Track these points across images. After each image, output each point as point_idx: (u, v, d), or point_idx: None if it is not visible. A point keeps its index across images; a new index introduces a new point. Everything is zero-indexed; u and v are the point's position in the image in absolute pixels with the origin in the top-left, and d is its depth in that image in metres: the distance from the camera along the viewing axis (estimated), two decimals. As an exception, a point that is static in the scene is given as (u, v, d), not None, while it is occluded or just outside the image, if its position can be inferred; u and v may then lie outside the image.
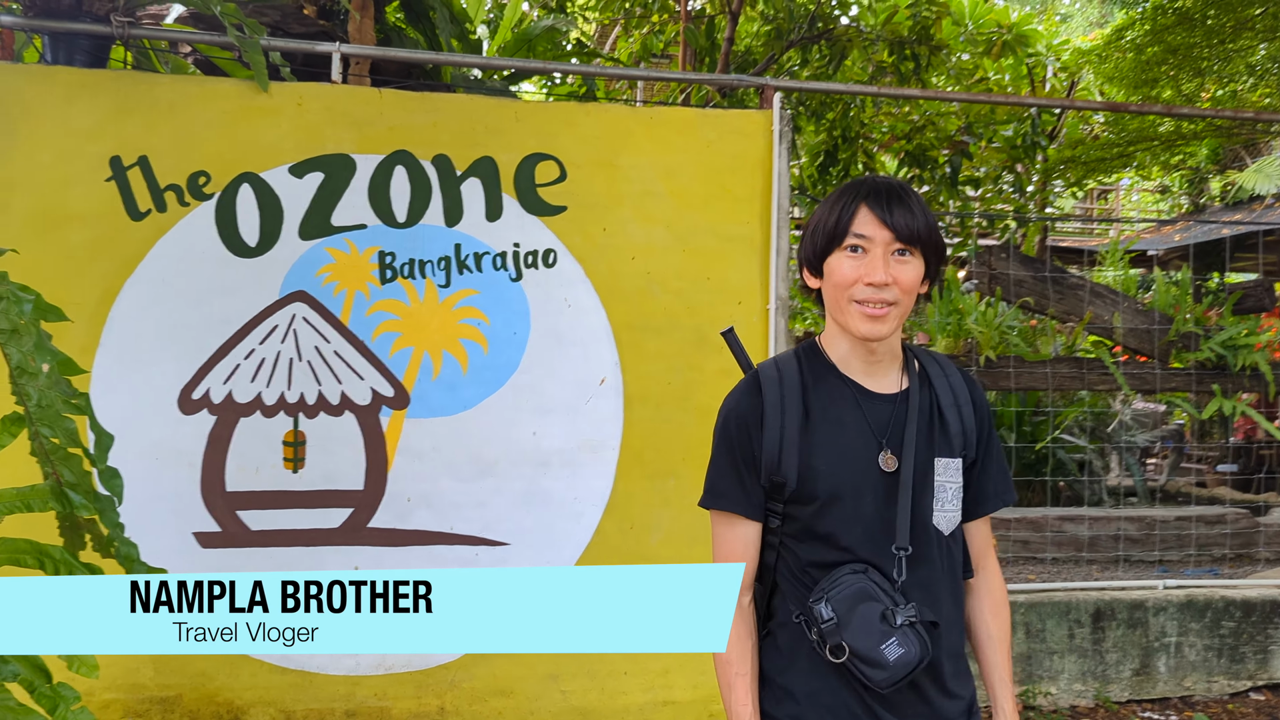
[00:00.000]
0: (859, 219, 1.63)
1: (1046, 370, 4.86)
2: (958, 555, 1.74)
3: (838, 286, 1.65)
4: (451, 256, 3.45)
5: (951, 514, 1.69)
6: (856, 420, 1.69)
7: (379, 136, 3.42)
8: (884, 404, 1.71)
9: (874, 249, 1.62)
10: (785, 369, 1.74)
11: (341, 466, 3.37)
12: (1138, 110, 5.46)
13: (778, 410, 1.69)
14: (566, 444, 3.52)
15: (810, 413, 1.69)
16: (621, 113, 3.69)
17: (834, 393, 1.71)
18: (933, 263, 1.67)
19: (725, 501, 1.74)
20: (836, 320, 1.70)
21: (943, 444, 1.70)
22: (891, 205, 1.62)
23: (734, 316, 3.64)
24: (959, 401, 1.74)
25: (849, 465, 1.66)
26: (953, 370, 1.80)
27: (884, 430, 1.69)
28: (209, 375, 3.28)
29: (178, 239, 3.28)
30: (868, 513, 1.65)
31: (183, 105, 3.28)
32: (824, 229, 1.67)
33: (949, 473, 1.69)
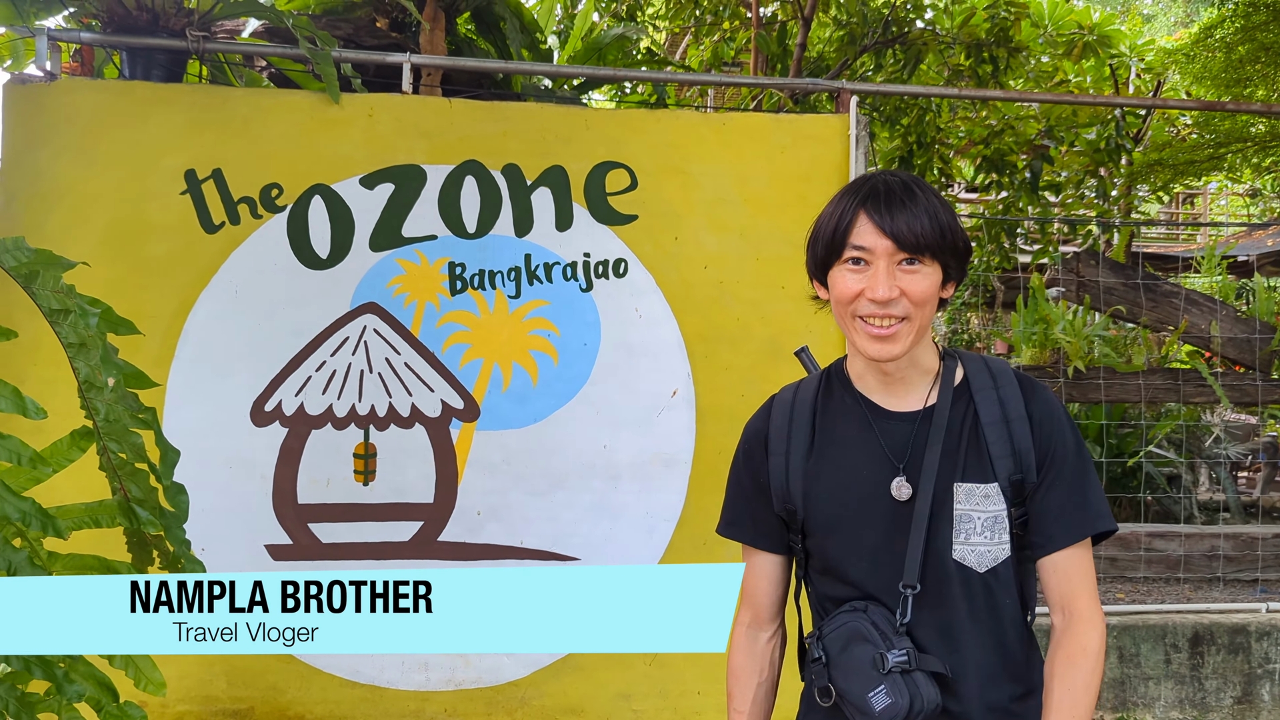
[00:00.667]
0: (857, 228, 1.46)
1: (1139, 381, 4.65)
2: (1003, 596, 1.49)
3: (839, 302, 1.50)
4: (521, 267, 3.41)
5: (984, 548, 1.47)
6: (867, 442, 1.53)
7: (449, 147, 3.39)
8: (902, 424, 1.53)
9: (876, 260, 1.45)
10: (803, 389, 1.62)
11: (411, 479, 3.34)
12: (1233, 109, 5.23)
13: (784, 434, 1.58)
14: (638, 457, 3.44)
15: (816, 434, 1.57)
16: (693, 119, 3.61)
17: (845, 412, 1.57)
18: (952, 265, 1.49)
19: (735, 530, 1.67)
20: (846, 336, 1.55)
21: (973, 467, 1.49)
22: (892, 210, 1.44)
23: (809, 326, 3.53)
24: (1009, 416, 1.50)
25: (852, 492, 1.52)
26: (1008, 380, 1.56)
27: (901, 454, 1.51)
28: (281, 387, 3.28)
29: (251, 251, 3.29)
30: (873, 545, 1.49)
31: (256, 118, 3.30)
32: (822, 239, 1.52)
33: (975, 500, 1.47)
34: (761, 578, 1.64)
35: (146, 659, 1.91)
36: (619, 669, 3.39)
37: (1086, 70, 9.79)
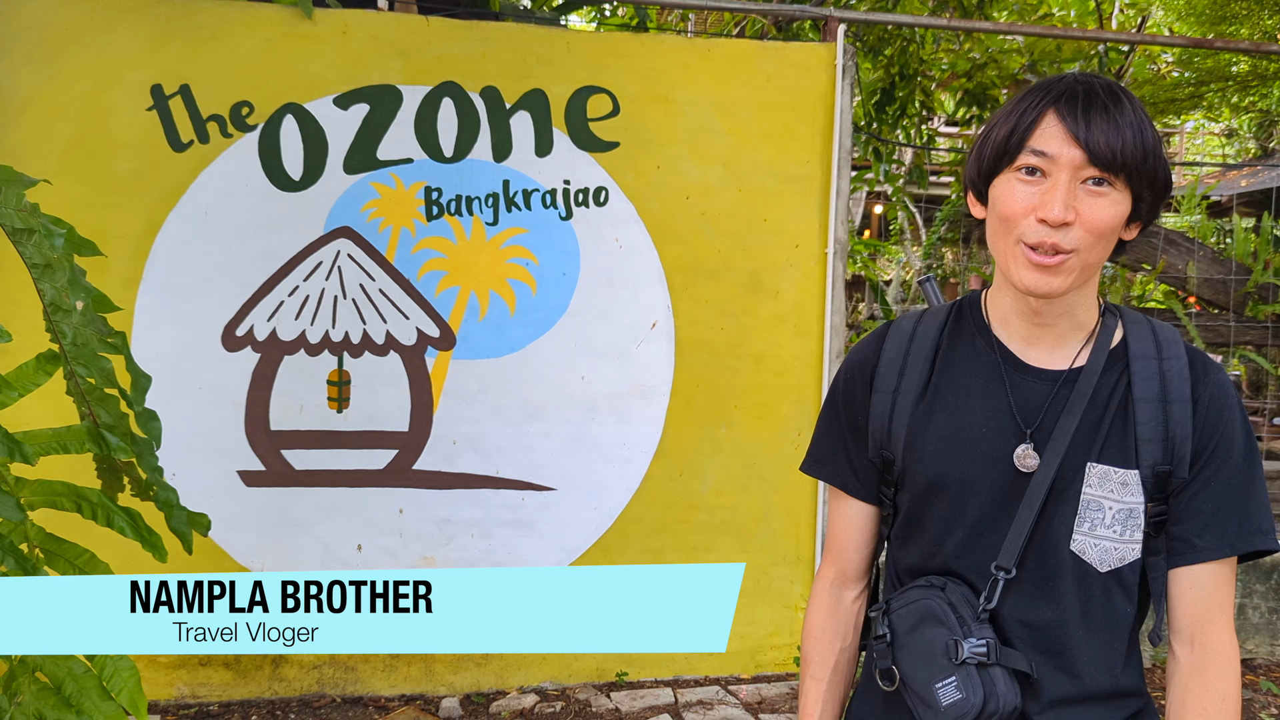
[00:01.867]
0: (1041, 129, 1.19)
1: (1113, 321, 4.66)
2: (1124, 604, 1.26)
3: (1002, 219, 1.22)
4: (500, 193, 3.34)
5: (1110, 544, 1.24)
6: (995, 398, 1.28)
7: (426, 67, 3.29)
8: (1041, 383, 1.28)
9: (1057, 173, 1.18)
10: (926, 322, 1.37)
11: (386, 407, 3.30)
12: (1221, 46, 5.16)
13: (895, 369, 1.34)
14: (616, 389, 3.42)
15: (935, 376, 1.33)
16: (678, 44, 3.52)
17: (974, 358, 1.32)
18: (1146, 198, 1.21)
19: (824, 470, 1.42)
20: (1000, 267, 1.27)
21: (1115, 447, 1.25)
22: (1090, 114, 1.17)
23: (790, 260, 3.50)
24: (1169, 395, 1.26)
25: (966, 451, 1.27)
26: (1176, 352, 1.29)
27: (1032, 417, 1.26)
28: (253, 312, 3.22)
29: (221, 171, 3.19)
30: (978, 516, 1.27)
31: (224, 32, 3.17)
32: (995, 140, 1.23)
33: (1110, 486, 1.24)
34: (850, 528, 1.42)
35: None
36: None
37: (1070, 3, 9.66)
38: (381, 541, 3.31)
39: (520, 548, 3.37)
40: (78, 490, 1.79)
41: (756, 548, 3.53)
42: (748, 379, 3.50)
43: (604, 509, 3.42)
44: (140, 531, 1.80)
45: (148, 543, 1.81)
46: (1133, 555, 1.24)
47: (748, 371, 3.50)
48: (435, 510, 3.33)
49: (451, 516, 3.34)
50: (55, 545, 1.82)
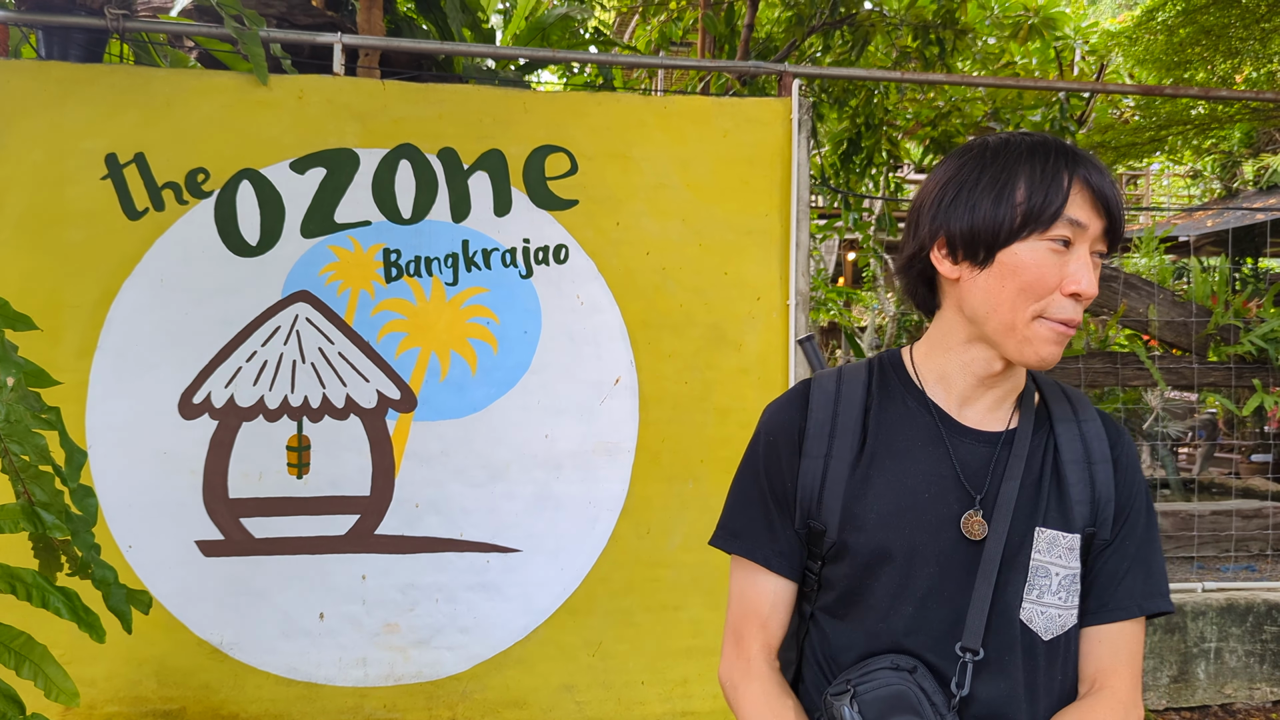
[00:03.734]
0: (1074, 198, 1.14)
1: (1079, 365, 4.69)
2: (1067, 673, 1.23)
3: (1027, 290, 1.15)
4: (459, 253, 3.33)
5: (1055, 611, 1.20)
6: (936, 461, 1.22)
7: (383, 130, 3.30)
8: (981, 445, 1.23)
9: (1081, 244, 1.15)
10: (848, 381, 1.29)
11: (347, 472, 3.26)
12: (1171, 93, 5.27)
13: (824, 433, 1.25)
14: (580, 446, 3.39)
15: (870, 441, 1.25)
16: (634, 102, 3.55)
17: (908, 419, 1.26)
18: None
19: (742, 545, 1.31)
20: (990, 333, 1.20)
21: (1056, 511, 1.21)
22: (1106, 183, 1.16)
23: (752, 313, 3.51)
24: (1092, 458, 1.24)
25: (911, 519, 1.20)
26: (1089, 414, 1.28)
27: (979, 482, 1.21)
28: (210, 379, 3.18)
29: (176, 238, 3.18)
30: (927, 589, 1.20)
31: (179, 100, 3.18)
32: (1018, 202, 1.15)
33: (1057, 552, 1.20)
34: (779, 606, 1.30)
35: (58, 668, 1.83)
36: (561, 661, 3.36)
37: (1032, 52, 9.85)
38: (344, 609, 3.25)
39: (486, 612, 3.31)
40: (11, 571, 1.74)
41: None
42: (713, 433, 3.48)
43: (571, 569, 3.37)
44: (77, 612, 1.76)
45: (85, 623, 1.76)
46: (1072, 621, 1.21)
47: (713, 425, 3.48)
48: (399, 576, 3.27)
49: (415, 581, 3.28)
50: (-11, 628, 1.78)
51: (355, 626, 3.25)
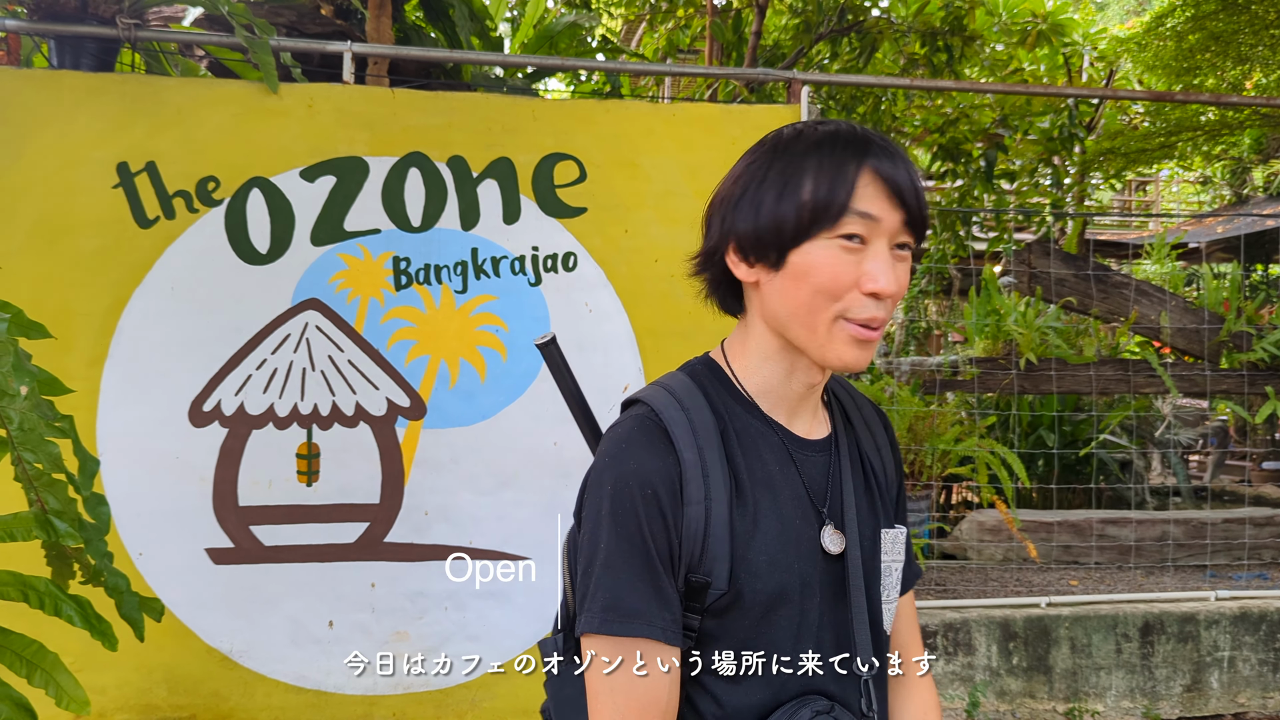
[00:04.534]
0: (863, 190, 1.05)
1: (1090, 373, 4.67)
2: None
3: (822, 292, 1.07)
4: (468, 261, 3.34)
5: (891, 606, 1.19)
6: (790, 482, 1.14)
7: (392, 138, 3.31)
8: (816, 455, 1.17)
9: (876, 239, 1.06)
10: (690, 406, 1.15)
11: (356, 479, 3.26)
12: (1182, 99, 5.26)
13: (698, 472, 1.09)
14: (589, 454, 3.38)
15: (738, 473, 1.12)
16: (642, 110, 3.55)
17: (762, 441, 1.15)
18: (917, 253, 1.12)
19: (642, 625, 1.06)
20: (794, 339, 1.12)
21: (881, 508, 1.20)
22: (902, 170, 1.06)
23: (762, 320, 3.50)
24: (878, 444, 1.23)
25: (794, 550, 1.11)
26: (860, 398, 1.27)
27: (822, 494, 1.15)
28: (220, 386, 3.19)
29: (187, 246, 3.19)
30: (819, 620, 1.12)
31: (190, 109, 3.19)
32: (803, 198, 1.06)
33: (897, 549, 1.19)
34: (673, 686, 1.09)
35: (69, 676, 1.84)
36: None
37: (1041, 58, 9.85)
38: (353, 617, 3.25)
39: (495, 619, 3.31)
40: (24, 579, 1.75)
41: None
42: (722, 441, 3.47)
43: (580, 577, 3.37)
44: (89, 620, 1.76)
45: (97, 631, 1.76)
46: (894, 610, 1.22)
47: (722, 433, 3.47)
48: (408, 583, 3.27)
49: (425, 589, 3.28)
50: (2, 637, 1.78)
51: (364, 634, 3.25)
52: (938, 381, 4.86)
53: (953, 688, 3.71)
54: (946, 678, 3.71)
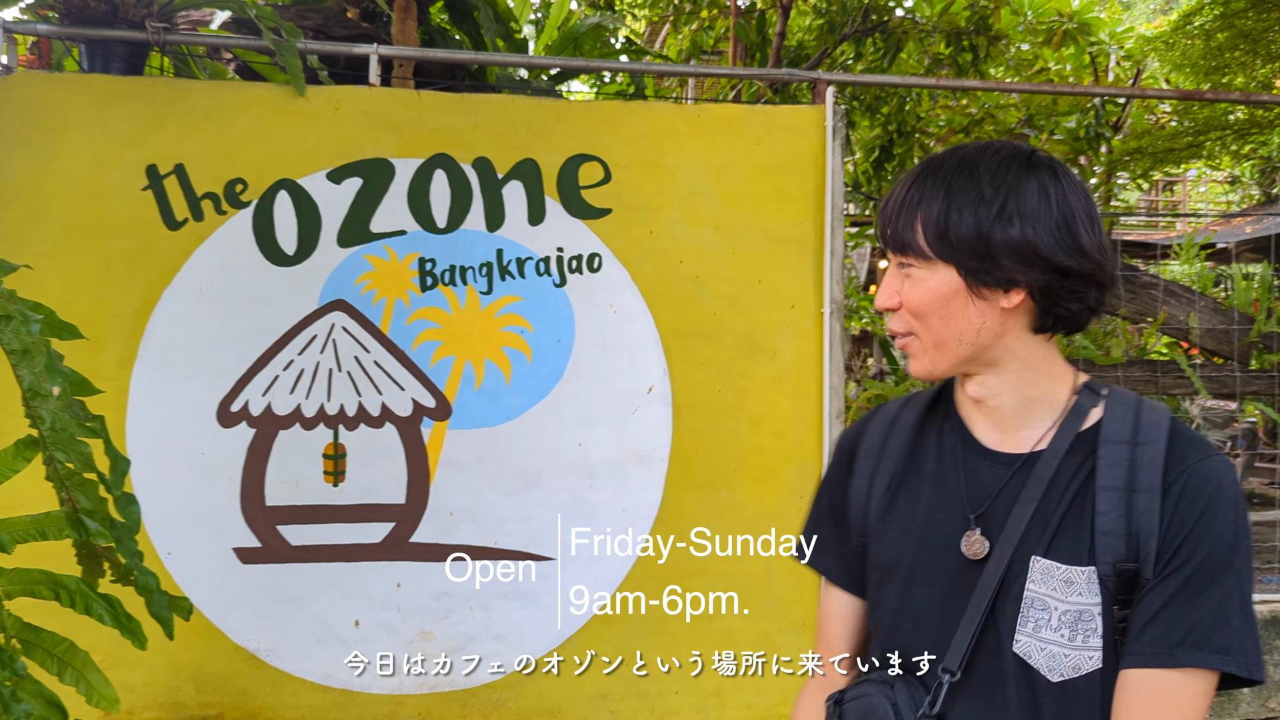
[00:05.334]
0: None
1: (1119, 374, 4.62)
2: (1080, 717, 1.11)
3: None
4: (493, 262, 3.35)
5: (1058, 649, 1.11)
6: (951, 482, 1.22)
7: (418, 140, 3.32)
8: (996, 467, 1.20)
9: (891, 264, 1.22)
10: (910, 407, 1.33)
11: (382, 480, 3.28)
12: (1211, 98, 5.20)
13: (873, 454, 1.30)
14: (614, 455, 3.39)
15: (904, 464, 1.28)
16: (667, 111, 3.55)
17: (938, 442, 1.27)
18: (974, 265, 1.13)
19: (809, 556, 1.38)
20: None
21: (1068, 541, 1.13)
22: (888, 203, 1.19)
23: (786, 321, 3.49)
24: (1136, 484, 1.10)
25: (919, 537, 1.21)
26: (1156, 435, 1.14)
27: (979, 502, 1.18)
28: (248, 387, 3.21)
29: (215, 248, 3.21)
30: (926, 607, 1.19)
31: (218, 112, 3.22)
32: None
33: (1053, 584, 1.12)
34: (835, 618, 1.35)
35: (99, 674, 1.85)
36: (595, 670, 3.34)
37: (1066, 58, 9.76)
38: (379, 617, 3.26)
39: (520, 620, 3.31)
40: (55, 578, 1.77)
41: (762, 614, 3.47)
42: (747, 442, 3.47)
43: (604, 578, 3.37)
44: (119, 619, 1.77)
45: (127, 630, 1.78)
46: (1089, 665, 1.10)
47: (746, 434, 3.47)
48: (433, 583, 3.28)
49: (450, 589, 3.29)
50: (33, 635, 1.80)
51: (390, 634, 3.26)
52: (964, 383, 4.82)
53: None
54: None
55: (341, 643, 3.24)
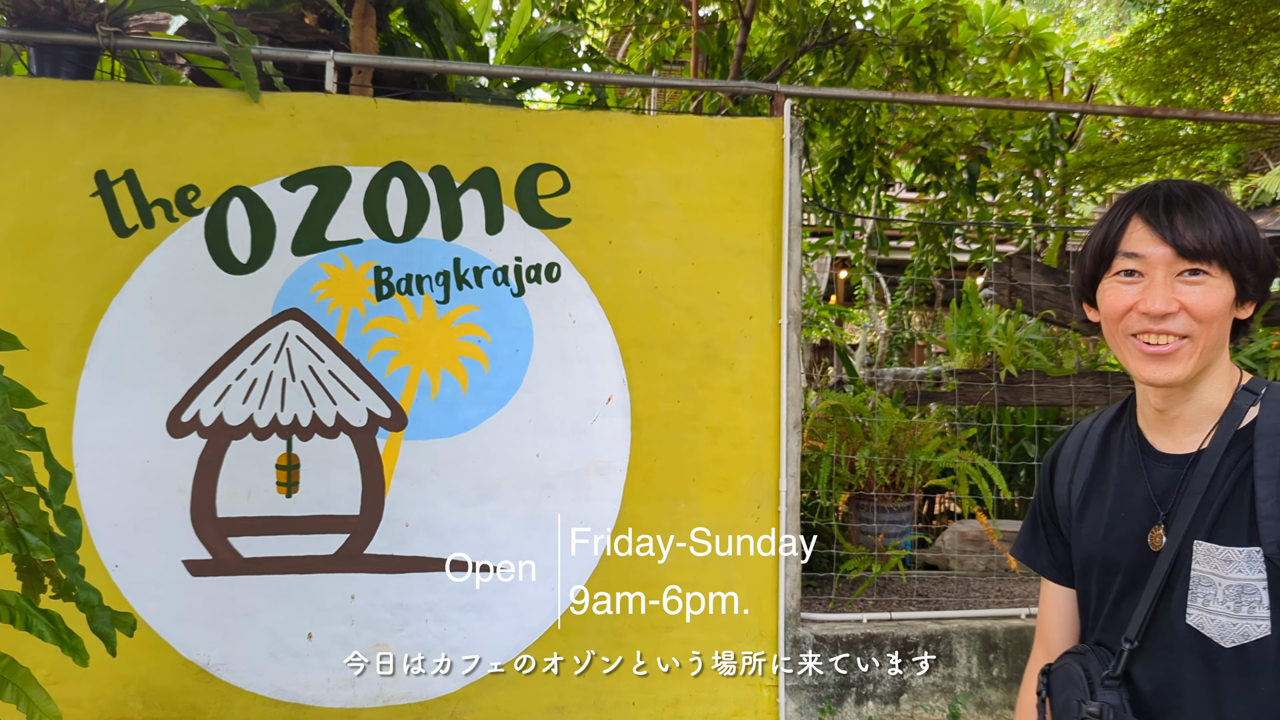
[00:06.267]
0: (1129, 234, 1.33)
1: (1070, 385, 4.69)
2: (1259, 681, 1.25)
3: (1108, 320, 1.37)
4: (450, 271, 3.32)
5: (1227, 619, 1.26)
6: (1136, 485, 1.40)
7: (375, 148, 3.30)
8: (1171, 467, 1.37)
9: (1151, 271, 1.30)
10: (1101, 419, 1.52)
11: (337, 490, 3.24)
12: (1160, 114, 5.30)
13: (1070, 464, 1.51)
14: (572, 465, 3.38)
15: (1093, 471, 1.48)
16: (627, 121, 3.55)
17: (1121, 449, 1.46)
18: (1249, 279, 1.30)
19: (1025, 553, 1.60)
20: (1121, 363, 1.40)
21: (1229, 525, 1.28)
22: (1172, 213, 1.30)
23: (745, 332, 3.50)
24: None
25: (1110, 536, 1.40)
26: None
27: (1166, 500, 1.35)
28: (199, 396, 3.16)
29: (166, 255, 3.16)
30: (1120, 593, 1.39)
31: (170, 117, 3.17)
32: (1090, 249, 1.39)
33: (1214, 563, 1.28)
34: (1051, 609, 1.56)
35: (40, 690, 1.80)
36: (551, 681, 3.33)
37: (1023, 72, 9.92)
38: (333, 629, 3.22)
39: (476, 632, 3.29)
40: (-6, 593, 1.72)
41: (719, 625, 3.47)
42: (705, 452, 3.47)
43: (562, 589, 3.35)
44: (60, 635, 1.73)
45: (68, 646, 1.74)
46: (1258, 632, 1.25)
47: (705, 444, 3.47)
48: (388, 595, 3.25)
49: (405, 601, 3.26)
50: (-29, 651, 1.75)
51: (344, 647, 3.22)
52: (919, 393, 4.87)
53: (933, 699, 3.71)
54: (927, 689, 3.71)
55: (294, 656, 3.19)
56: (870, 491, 4.54)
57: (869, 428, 4.60)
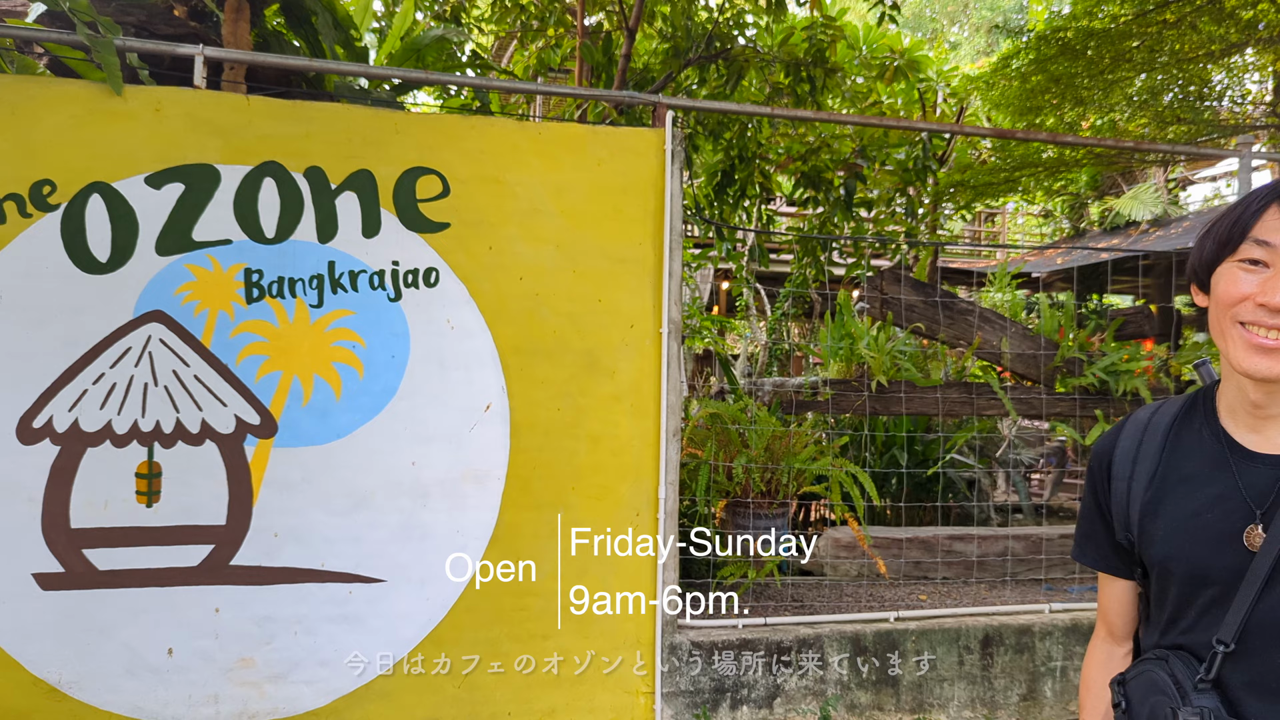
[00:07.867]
0: (1265, 221, 1.28)
1: (937, 395, 4.87)
2: None
3: (1220, 304, 1.31)
4: (325, 275, 3.25)
5: None
6: (1220, 483, 1.35)
7: (246, 146, 3.20)
8: (1268, 468, 1.33)
9: (1278, 262, 1.27)
10: (1162, 412, 1.47)
11: (201, 500, 3.12)
12: (1023, 137, 5.56)
13: (1129, 458, 1.45)
14: (448, 474, 3.34)
15: (1162, 465, 1.42)
16: (509, 127, 3.53)
17: (1199, 447, 1.40)
18: None
19: (1078, 549, 1.58)
20: (1221, 352, 1.35)
21: None
22: None
23: (626, 340, 3.53)
24: None
25: (1194, 536, 1.35)
26: None
27: (1263, 500, 1.31)
28: (52, 402, 3.01)
29: (18, 253, 3.00)
30: (1211, 597, 1.33)
31: (25, 108, 3.01)
32: (1217, 231, 1.33)
33: None
34: (1112, 599, 1.55)
35: None
36: (426, 693, 3.28)
37: (898, 92, 10.27)
38: (196, 644, 3.10)
39: (347, 644, 3.21)
40: None
41: (596, 632, 3.48)
42: (585, 460, 3.48)
43: (437, 599, 3.31)
44: (-111, 654, 1.62)
45: (-102, 666, 1.63)
46: None
47: (585, 452, 3.48)
48: (255, 608, 3.15)
49: (273, 614, 3.16)
50: None
51: (207, 662, 3.11)
52: (795, 402, 4.98)
53: (805, 702, 3.79)
54: (800, 692, 3.79)
55: (153, 673, 3.06)
56: (747, 498, 4.62)
57: (746, 436, 4.68)
